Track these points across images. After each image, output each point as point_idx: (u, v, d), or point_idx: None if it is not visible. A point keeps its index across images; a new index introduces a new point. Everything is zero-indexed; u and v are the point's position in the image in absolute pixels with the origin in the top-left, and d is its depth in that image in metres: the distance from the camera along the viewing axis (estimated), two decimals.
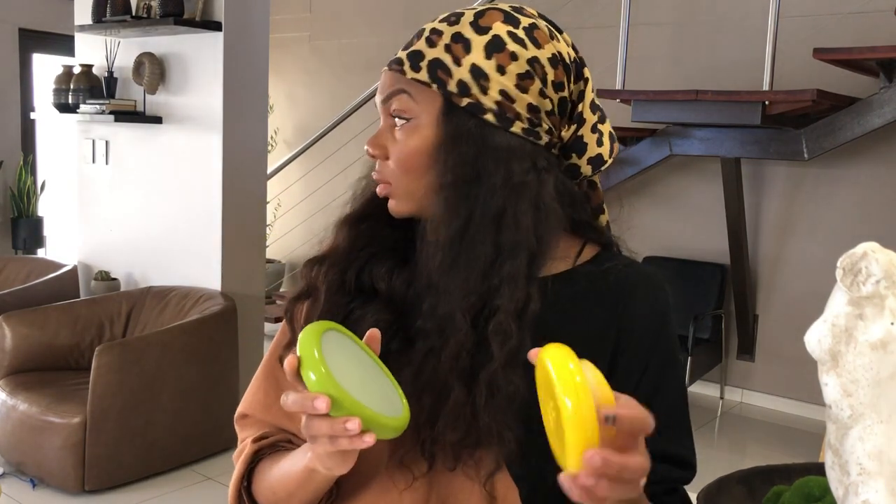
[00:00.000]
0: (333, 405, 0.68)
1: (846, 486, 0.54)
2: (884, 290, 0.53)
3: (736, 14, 4.62)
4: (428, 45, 0.85)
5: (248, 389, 1.00)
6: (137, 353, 3.24)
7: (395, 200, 0.88)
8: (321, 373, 0.68)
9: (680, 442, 0.89)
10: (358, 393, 0.69)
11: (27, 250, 6.26)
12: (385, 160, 0.87)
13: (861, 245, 0.55)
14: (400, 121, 0.86)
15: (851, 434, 0.53)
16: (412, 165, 0.86)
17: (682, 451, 0.88)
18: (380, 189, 0.88)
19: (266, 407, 0.96)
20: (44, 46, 6.48)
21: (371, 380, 0.74)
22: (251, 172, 3.98)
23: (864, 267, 0.54)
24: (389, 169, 0.87)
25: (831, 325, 0.55)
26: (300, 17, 6.52)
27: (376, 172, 0.89)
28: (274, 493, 0.89)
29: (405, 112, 0.85)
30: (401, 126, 0.86)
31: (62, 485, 3.17)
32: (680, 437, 0.89)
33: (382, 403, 0.72)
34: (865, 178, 4.34)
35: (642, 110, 4.03)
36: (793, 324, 4.50)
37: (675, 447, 0.87)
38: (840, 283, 0.55)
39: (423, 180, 0.85)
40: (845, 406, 0.54)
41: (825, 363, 0.55)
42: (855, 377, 0.54)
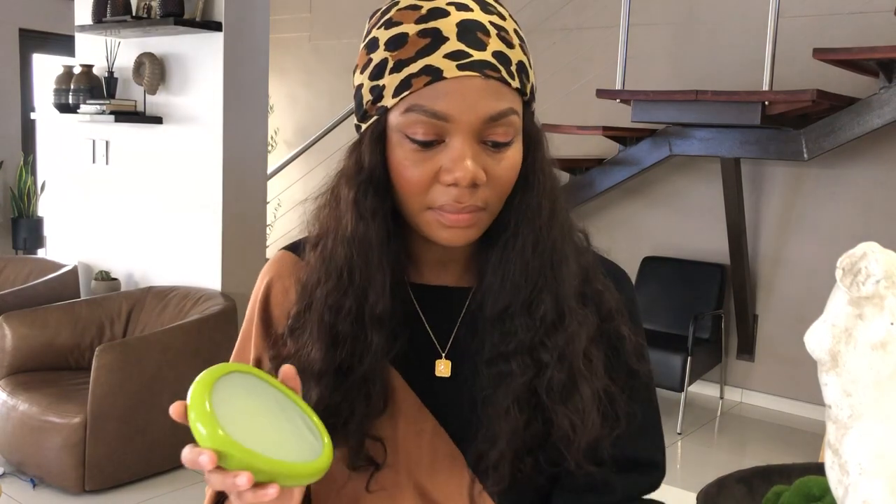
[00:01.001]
0: (225, 458, 0.63)
1: (846, 486, 0.54)
2: (883, 290, 0.53)
3: (736, 14, 4.62)
4: (507, 46, 0.75)
5: None
6: (138, 354, 3.24)
7: (479, 228, 0.77)
8: (208, 425, 0.63)
9: (653, 442, 0.89)
10: (256, 442, 0.64)
11: (27, 250, 6.26)
12: (478, 188, 0.75)
13: (861, 245, 0.55)
14: (497, 144, 0.75)
15: (851, 434, 0.54)
16: (509, 187, 0.77)
17: (651, 455, 0.88)
18: (464, 219, 0.75)
19: None
20: (44, 46, 6.48)
21: (281, 423, 0.69)
22: (251, 172, 3.98)
23: (864, 267, 0.54)
24: (482, 196, 0.75)
25: (831, 325, 0.55)
26: (300, 17, 6.52)
27: (456, 202, 0.74)
28: None
29: (512, 133, 0.76)
30: (501, 150, 0.75)
31: (62, 485, 3.17)
32: (653, 438, 0.90)
33: (293, 448, 0.67)
34: (865, 178, 4.34)
35: (642, 110, 4.03)
36: (793, 324, 4.50)
37: (642, 450, 0.87)
38: (840, 283, 0.55)
39: (505, 199, 0.78)
40: (845, 406, 0.54)
41: (825, 363, 0.55)
42: (855, 377, 0.54)
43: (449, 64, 0.72)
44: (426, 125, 0.73)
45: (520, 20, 3.14)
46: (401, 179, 0.76)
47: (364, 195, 0.77)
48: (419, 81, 0.73)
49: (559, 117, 4.70)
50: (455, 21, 0.73)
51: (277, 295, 0.88)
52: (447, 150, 0.74)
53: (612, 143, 4.65)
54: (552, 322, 0.79)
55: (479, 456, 0.80)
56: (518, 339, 0.79)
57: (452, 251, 0.83)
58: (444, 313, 0.85)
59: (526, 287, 0.79)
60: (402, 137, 0.75)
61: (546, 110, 4.78)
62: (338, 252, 0.79)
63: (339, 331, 0.79)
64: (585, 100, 4.69)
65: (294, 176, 6.06)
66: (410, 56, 0.73)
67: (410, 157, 0.75)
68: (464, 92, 0.72)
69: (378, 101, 0.76)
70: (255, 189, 4.01)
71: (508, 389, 0.79)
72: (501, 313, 0.80)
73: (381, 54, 0.75)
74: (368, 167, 0.77)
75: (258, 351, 0.88)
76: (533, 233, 0.79)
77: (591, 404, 0.79)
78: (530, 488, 0.84)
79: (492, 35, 0.75)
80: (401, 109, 0.74)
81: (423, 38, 0.73)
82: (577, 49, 5.01)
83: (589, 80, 4.76)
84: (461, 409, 0.83)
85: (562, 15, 5.08)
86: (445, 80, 0.72)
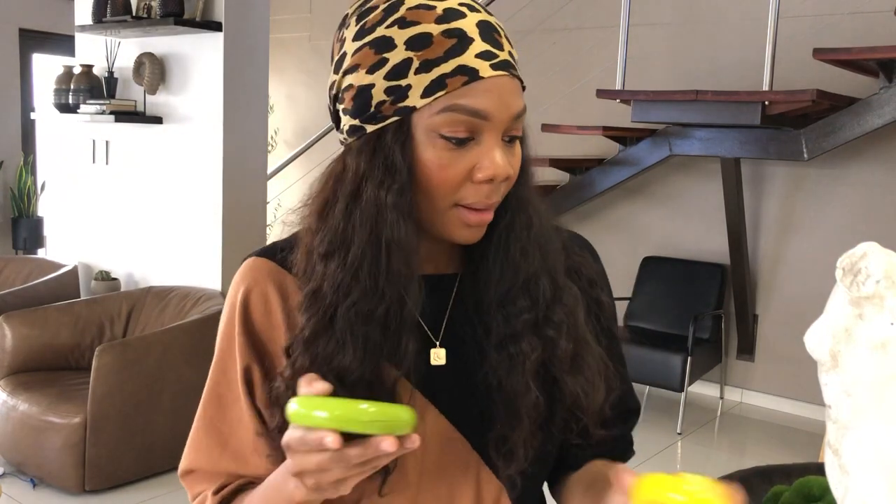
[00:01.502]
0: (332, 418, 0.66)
1: (846, 486, 0.54)
2: (883, 289, 0.53)
3: (736, 14, 4.62)
4: (509, 44, 0.79)
5: (188, 445, 0.90)
6: (138, 354, 3.24)
7: (483, 230, 0.81)
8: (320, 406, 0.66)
9: (633, 392, 0.98)
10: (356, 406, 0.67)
11: (27, 250, 6.26)
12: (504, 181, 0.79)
13: (861, 245, 0.55)
14: (513, 139, 0.79)
15: (851, 434, 0.54)
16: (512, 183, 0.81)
17: (636, 403, 0.98)
18: (487, 217, 0.79)
19: (214, 458, 0.88)
20: (44, 46, 6.48)
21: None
22: (251, 172, 3.98)
23: (864, 267, 0.54)
24: (504, 190, 0.80)
25: (831, 326, 0.55)
26: (300, 17, 6.52)
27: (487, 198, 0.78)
28: None
29: (521, 130, 0.80)
30: (513, 145, 0.79)
31: (62, 485, 3.17)
32: (631, 388, 0.98)
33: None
34: (865, 178, 4.34)
35: (642, 110, 4.03)
36: (793, 324, 4.50)
37: (632, 401, 0.97)
38: (840, 283, 0.55)
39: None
40: (845, 406, 0.54)
41: (825, 363, 0.55)
42: (855, 377, 0.54)
43: (482, 64, 0.74)
44: (467, 123, 0.75)
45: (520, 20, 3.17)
46: (434, 179, 0.76)
47: (403, 197, 0.76)
48: (455, 81, 0.74)
49: (559, 117, 4.70)
50: (474, 22, 0.76)
51: (256, 302, 0.86)
52: (480, 148, 0.76)
53: (612, 143, 4.65)
54: (551, 299, 0.83)
55: (503, 440, 0.82)
56: (523, 320, 0.82)
57: (437, 243, 0.84)
58: (433, 302, 0.85)
59: (525, 270, 0.82)
60: (434, 137, 0.75)
61: (546, 110, 4.78)
62: (369, 257, 0.77)
63: (371, 338, 0.78)
64: (585, 100, 4.69)
65: (294, 176, 6.06)
66: (439, 56, 0.74)
67: (445, 157, 0.76)
68: (498, 91, 0.75)
69: (400, 101, 0.75)
70: (255, 189, 4.01)
71: (524, 369, 0.81)
72: (504, 297, 0.82)
73: (401, 54, 0.75)
74: (405, 168, 0.76)
75: (245, 360, 0.86)
76: (528, 219, 0.83)
77: (597, 370, 0.84)
78: (537, 465, 0.87)
79: (502, 35, 0.78)
80: (435, 109, 0.75)
81: (449, 37, 0.74)
82: (577, 49, 5.01)
83: (589, 80, 4.76)
84: (459, 396, 0.84)
85: (562, 15, 5.08)
86: (483, 79, 0.74)
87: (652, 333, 4.61)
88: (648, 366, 4.23)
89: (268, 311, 0.86)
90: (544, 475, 0.93)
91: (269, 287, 0.86)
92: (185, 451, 0.90)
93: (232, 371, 0.87)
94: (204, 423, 0.89)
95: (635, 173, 4.53)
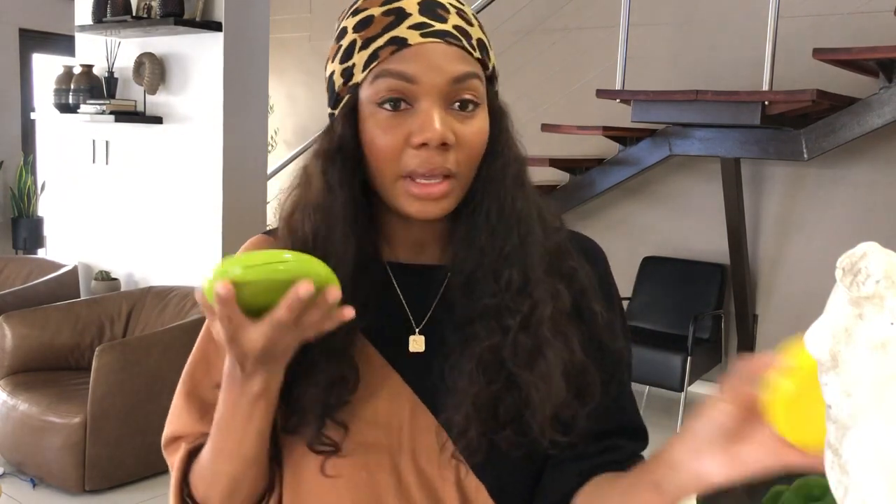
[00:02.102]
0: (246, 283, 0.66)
1: (846, 486, 0.54)
2: (884, 290, 0.53)
3: (736, 14, 4.62)
4: (467, 24, 0.80)
5: (169, 416, 0.91)
6: (138, 354, 3.24)
7: (451, 200, 0.80)
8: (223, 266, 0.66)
9: (637, 413, 0.92)
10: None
11: (27, 250, 6.27)
12: (448, 150, 0.78)
13: (861, 245, 0.55)
14: (471, 106, 0.79)
15: (851, 434, 0.54)
16: (479, 153, 0.81)
17: (634, 420, 0.91)
18: (435, 190, 0.78)
19: (196, 422, 0.88)
20: (44, 46, 6.49)
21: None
22: (251, 172, 3.98)
23: (864, 267, 0.54)
24: (452, 160, 0.78)
25: (831, 326, 0.55)
26: (300, 17, 6.52)
27: (427, 164, 0.77)
28: (212, 464, 0.82)
29: (478, 97, 0.79)
30: (470, 112, 0.79)
31: (62, 485, 3.17)
32: (635, 408, 0.93)
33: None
34: (865, 178, 4.34)
35: (642, 110, 4.03)
36: (793, 324, 4.50)
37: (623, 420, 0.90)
38: (840, 283, 0.55)
39: (475, 168, 0.81)
40: (845, 406, 0.54)
41: (825, 363, 0.55)
42: (855, 377, 0.54)
43: (413, 33, 0.77)
44: (395, 88, 0.77)
45: (520, 20, 3.17)
46: (373, 148, 0.78)
47: (332, 165, 0.80)
48: (386, 52, 0.77)
49: (559, 117, 4.70)
50: (416, 0, 0.79)
51: None
52: (416, 114, 0.77)
53: (612, 143, 4.65)
54: (518, 288, 0.81)
55: (448, 422, 0.82)
56: (483, 304, 0.81)
57: (429, 230, 0.85)
58: (421, 291, 0.86)
59: (491, 252, 0.82)
60: (374, 108, 0.78)
61: (546, 110, 4.78)
62: (304, 223, 0.81)
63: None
64: (585, 100, 4.69)
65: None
66: (377, 32, 0.78)
67: (382, 125, 0.78)
68: (427, 55, 0.77)
69: (349, 81, 0.80)
70: (255, 189, 4.01)
71: (472, 352, 0.81)
72: (468, 278, 0.82)
73: (349, 38, 0.80)
74: (339, 138, 0.80)
75: None
76: (497, 200, 0.82)
77: (556, 371, 0.81)
78: (511, 465, 0.85)
79: (451, 12, 0.79)
80: (370, 80, 0.78)
81: (388, 16, 0.78)
82: (577, 49, 5.01)
83: (589, 80, 4.75)
84: (436, 383, 0.84)
85: (562, 15, 5.08)
86: (410, 46, 0.77)
87: (652, 333, 4.60)
88: (648, 366, 4.23)
89: None
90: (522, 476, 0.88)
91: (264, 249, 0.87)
92: (167, 422, 0.91)
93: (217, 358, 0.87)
94: (184, 393, 0.90)
95: (635, 173, 4.53)
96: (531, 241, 0.83)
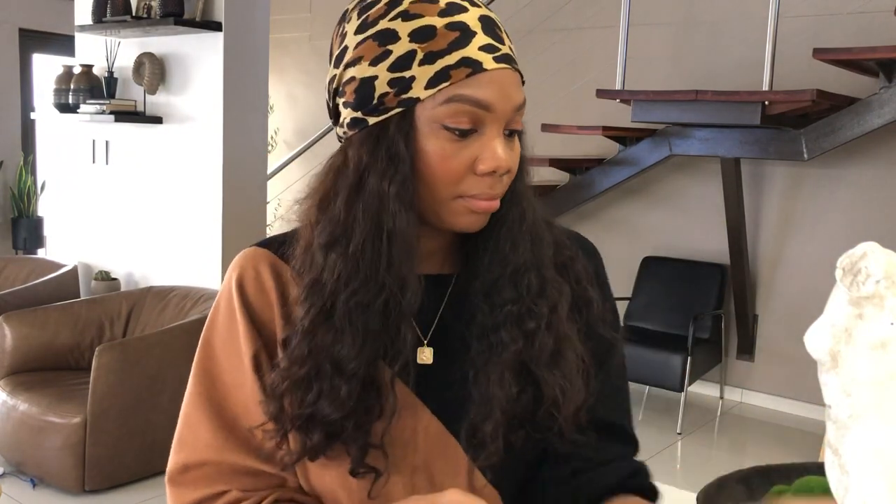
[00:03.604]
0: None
1: (846, 486, 0.54)
2: (883, 289, 0.53)
3: (736, 14, 4.62)
4: (511, 43, 0.80)
5: (180, 432, 0.85)
6: (138, 353, 3.24)
7: (487, 217, 0.81)
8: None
9: (621, 408, 0.92)
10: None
11: (27, 250, 6.26)
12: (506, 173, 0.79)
13: (861, 245, 0.55)
14: (513, 132, 0.80)
15: (851, 434, 0.54)
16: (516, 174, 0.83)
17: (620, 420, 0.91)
18: (494, 205, 0.80)
19: (220, 447, 0.83)
20: (44, 46, 6.49)
21: None
22: (251, 172, 3.98)
23: (864, 267, 0.54)
24: (506, 182, 0.80)
25: (831, 325, 0.55)
26: (300, 17, 6.52)
27: (491, 190, 0.78)
28: None
29: (521, 125, 0.81)
30: (513, 138, 0.80)
31: (62, 485, 3.17)
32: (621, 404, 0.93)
33: None
34: (865, 178, 4.34)
35: (642, 110, 4.03)
36: (793, 324, 4.50)
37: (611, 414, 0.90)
38: (840, 283, 0.55)
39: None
40: (845, 406, 0.54)
41: (825, 363, 0.55)
42: (855, 377, 0.54)
43: (486, 56, 0.75)
44: (470, 114, 0.75)
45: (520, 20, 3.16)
46: (437, 170, 0.77)
47: (406, 188, 0.76)
48: (459, 73, 0.74)
49: (559, 117, 4.70)
50: (476, 16, 0.77)
51: (250, 281, 0.86)
52: (482, 140, 0.77)
53: (612, 143, 4.65)
54: (536, 292, 0.83)
55: (474, 430, 0.81)
56: (507, 311, 0.82)
57: (438, 241, 0.85)
58: (427, 301, 0.85)
59: (513, 262, 0.82)
60: (438, 128, 0.76)
61: (546, 110, 4.78)
62: (370, 248, 0.77)
63: (370, 329, 0.78)
64: (585, 100, 4.69)
65: (294, 176, 6.06)
66: (443, 48, 0.75)
67: (448, 148, 0.76)
68: (501, 83, 0.76)
69: (404, 93, 0.76)
70: (255, 189, 4.01)
71: (500, 359, 0.81)
72: (490, 288, 0.83)
73: (405, 46, 0.75)
74: (408, 158, 0.76)
75: (254, 347, 0.84)
76: (521, 212, 0.83)
77: (576, 369, 0.83)
78: (521, 465, 0.86)
79: (502, 31, 0.79)
80: (438, 100, 0.75)
81: (452, 31, 0.75)
82: (577, 49, 5.01)
83: (589, 80, 4.75)
84: (445, 394, 0.84)
85: (562, 15, 5.08)
86: (486, 71, 0.75)
87: (652, 333, 4.61)
88: (648, 366, 4.23)
89: (261, 289, 0.85)
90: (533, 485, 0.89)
91: (262, 267, 0.86)
92: (176, 447, 0.86)
93: (236, 357, 0.85)
94: (202, 401, 0.85)
95: (635, 173, 4.53)
96: (544, 244, 0.85)
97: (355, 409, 0.78)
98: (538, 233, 0.85)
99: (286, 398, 0.79)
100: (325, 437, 0.79)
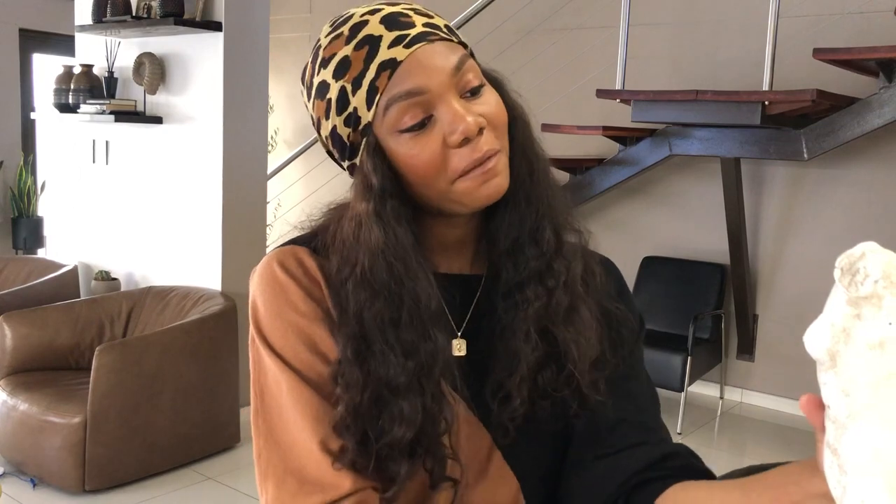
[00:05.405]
0: None
1: (844, 486, 0.54)
2: (882, 290, 0.53)
3: (736, 14, 4.62)
4: (428, 17, 0.81)
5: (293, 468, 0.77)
6: (138, 353, 3.24)
7: (505, 173, 0.80)
8: None
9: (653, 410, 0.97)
10: None
11: (27, 250, 6.26)
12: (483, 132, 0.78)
13: (859, 245, 0.55)
14: (479, 89, 0.80)
15: (849, 434, 0.54)
16: (505, 121, 0.82)
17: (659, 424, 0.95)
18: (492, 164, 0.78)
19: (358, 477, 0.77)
20: (44, 46, 6.49)
21: None
22: (251, 172, 3.98)
23: (863, 267, 0.54)
24: (491, 137, 0.79)
25: (830, 325, 0.55)
26: (300, 17, 6.52)
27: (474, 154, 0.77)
28: None
29: (478, 75, 0.81)
30: (480, 93, 0.80)
31: (62, 485, 3.17)
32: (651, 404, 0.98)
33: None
34: (865, 178, 4.34)
35: (642, 110, 4.03)
36: (792, 324, 4.50)
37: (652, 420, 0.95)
38: (838, 283, 0.55)
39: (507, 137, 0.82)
40: (843, 406, 0.54)
41: (823, 363, 0.55)
42: (853, 377, 0.54)
43: (396, 50, 0.77)
44: (412, 107, 0.77)
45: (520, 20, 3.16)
46: (419, 169, 0.78)
47: (383, 204, 0.78)
48: (382, 80, 0.77)
49: (559, 117, 4.71)
50: (377, 21, 0.79)
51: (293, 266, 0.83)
52: (440, 119, 0.77)
53: (612, 143, 4.65)
54: (555, 249, 0.85)
55: (499, 385, 0.83)
56: (530, 268, 0.84)
57: (463, 238, 0.87)
58: (460, 298, 0.87)
59: (530, 216, 0.84)
60: (397, 135, 0.78)
61: (546, 110, 4.78)
62: (376, 268, 0.78)
63: (406, 341, 0.78)
64: (585, 100, 4.69)
65: (294, 176, 6.06)
66: (361, 69, 0.77)
67: (415, 145, 0.78)
68: (421, 62, 0.77)
69: (358, 126, 0.79)
70: (255, 189, 4.01)
71: (526, 315, 0.83)
72: (513, 245, 0.85)
73: (335, 88, 0.79)
74: (378, 177, 0.78)
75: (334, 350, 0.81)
76: (527, 159, 0.84)
77: (590, 324, 0.85)
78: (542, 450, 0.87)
79: (411, 16, 0.80)
80: (381, 114, 0.78)
81: (361, 49, 0.78)
82: (577, 49, 5.01)
83: (589, 80, 4.76)
84: (477, 383, 0.84)
85: (562, 15, 5.08)
86: (401, 62, 0.77)
87: (652, 333, 4.60)
88: (648, 365, 4.17)
89: (305, 272, 0.83)
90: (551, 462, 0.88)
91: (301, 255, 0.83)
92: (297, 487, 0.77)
93: (320, 364, 0.80)
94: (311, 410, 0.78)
95: (635, 173, 4.53)
96: (558, 201, 0.87)
97: (423, 423, 0.77)
98: (552, 188, 0.86)
99: (354, 431, 0.76)
100: (409, 463, 0.78)
